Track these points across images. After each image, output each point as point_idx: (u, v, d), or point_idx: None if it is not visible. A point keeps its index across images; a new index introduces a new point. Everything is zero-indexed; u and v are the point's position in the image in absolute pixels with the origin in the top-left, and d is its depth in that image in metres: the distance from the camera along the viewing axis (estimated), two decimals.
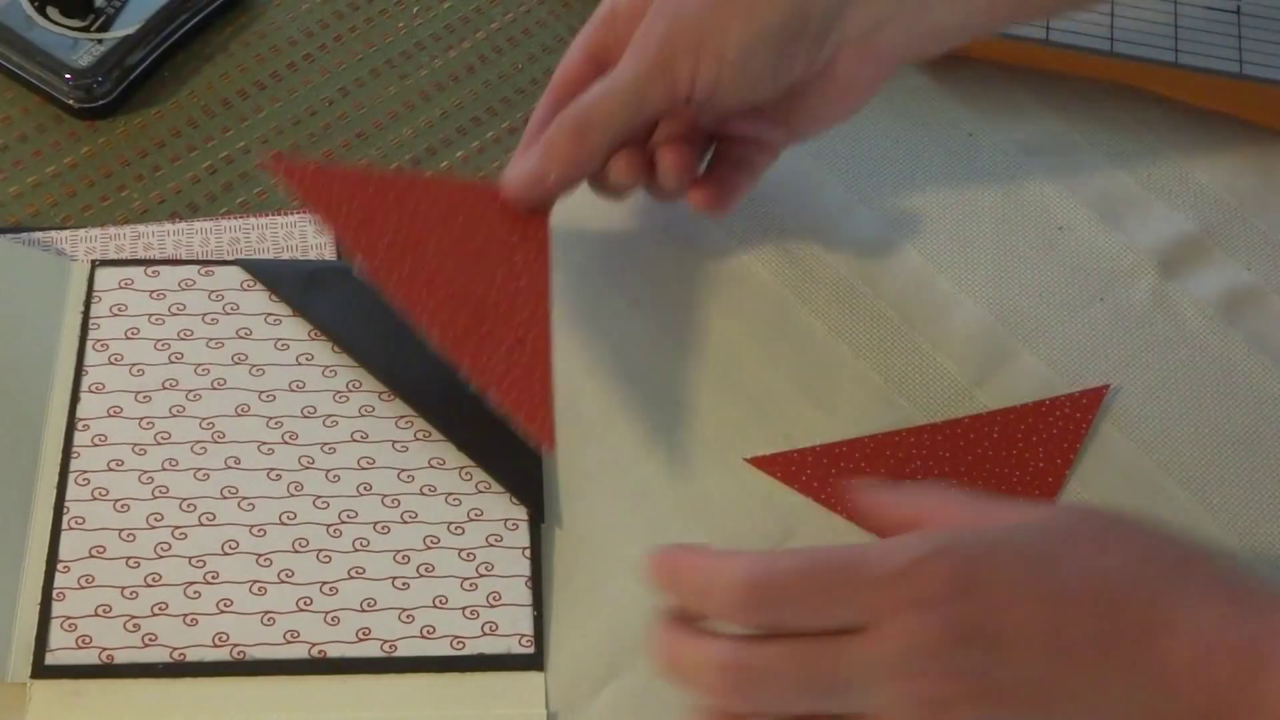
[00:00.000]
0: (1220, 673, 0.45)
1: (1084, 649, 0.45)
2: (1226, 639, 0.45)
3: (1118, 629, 0.46)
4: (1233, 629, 0.45)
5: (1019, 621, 0.45)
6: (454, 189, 0.64)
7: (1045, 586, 0.46)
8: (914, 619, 0.45)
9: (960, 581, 0.46)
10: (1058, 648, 0.45)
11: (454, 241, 0.62)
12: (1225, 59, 0.74)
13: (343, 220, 0.61)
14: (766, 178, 0.70)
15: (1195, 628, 0.46)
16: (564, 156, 0.61)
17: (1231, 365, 0.67)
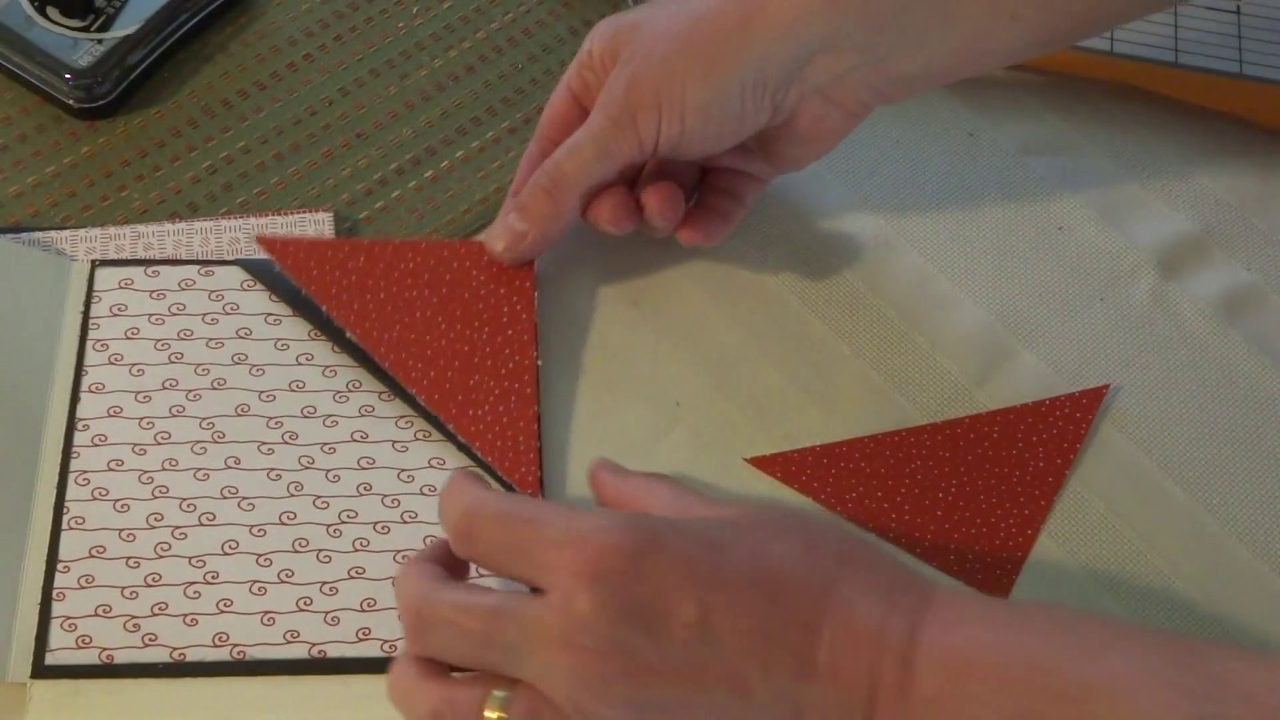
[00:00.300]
0: (877, 663, 0.46)
1: (740, 637, 0.47)
2: (885, 631, 0.47)
3: (777, 619, 0.47)
4: (890, 621, 0.47)
5: (678, 605, 0.47)
6: (438, 250, 0.66)
7: (709, 573, 0.47)
8: (580, 591, 0.47)
9: (630, 560, 0.47)
10: (713, 634, 0.47)
11: (440, 301, 0.64)
12: (1225, 59, 0.74)
13: (329, 292, 0.64)
14: None
15: (854, 620, 0.47)
16: (539, 215, 0.63)
17: (1231, 365, 0.67)
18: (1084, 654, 0.44)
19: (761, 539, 0.49)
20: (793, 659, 0.47)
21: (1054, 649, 0.45)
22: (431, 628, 0.50)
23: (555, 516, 0.49)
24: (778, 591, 0.48)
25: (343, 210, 0.69)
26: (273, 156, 0.70)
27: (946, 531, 0.61)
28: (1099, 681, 0.44)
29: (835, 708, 0.47)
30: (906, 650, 0.46)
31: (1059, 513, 0.62)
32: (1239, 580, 0.61)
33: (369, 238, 0.68)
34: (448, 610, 0.49)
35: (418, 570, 0.51)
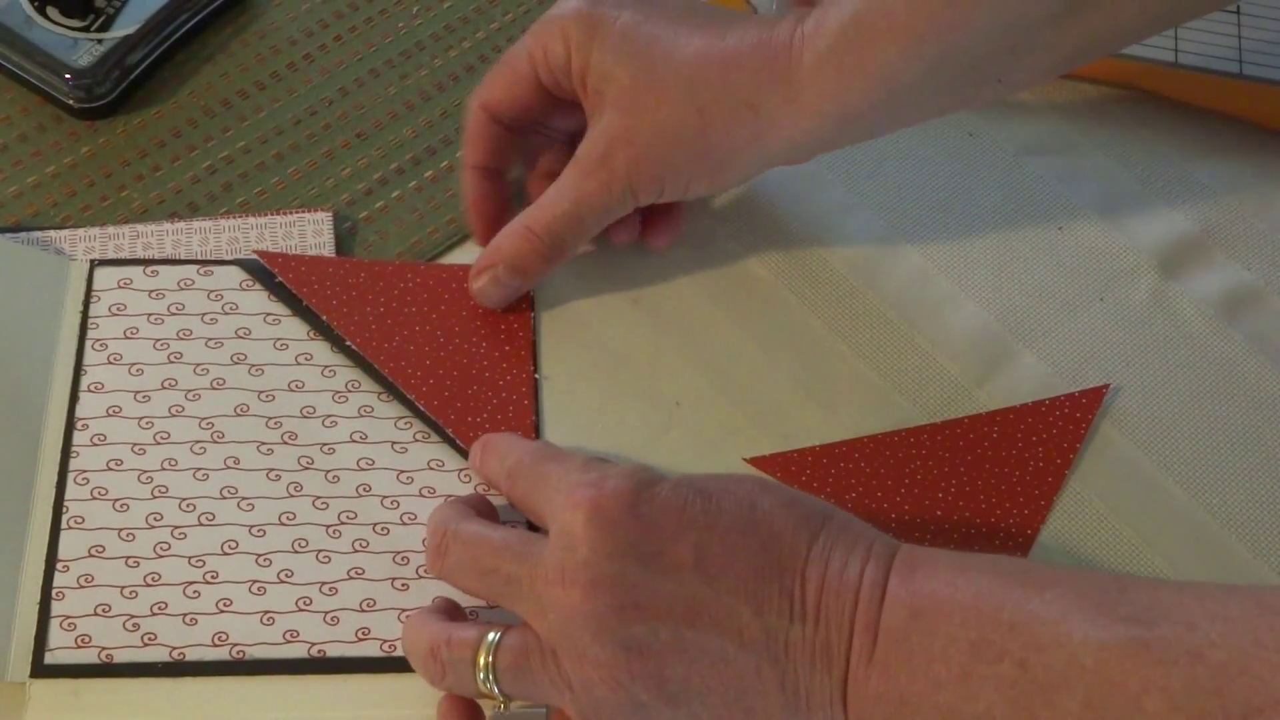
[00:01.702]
0: (854, 605, 0.49)
1: (734, 578, 0.49)
2: (862, 577, 0.49)
3: (769, 562, 0.50)
4: (867, 569, 0.50)
5: (675, 546, 0.50)
6: (436, 271, 0.67)
7: (704, 517, 0.50)
8: (579, 529, 0.50)
9: (629, 503, 0.50)
10: (707, 570, 0.49)
11: (439, 317, 0.65)
12: (1225, 59, 0.74)
13: (330, 304, 0.64)
14: (767, 178, 0.70)
15: (836, 566, 0.50)
16: (538, 270, 0.64)
17: (1231, 365, 0.67)
18: (1030, 590, 0.47)
19: (749, 490, 0.52)
20: (783, 599, 0.49)
21: (1005, 588, 0.48)
22: (448, 551, 0.54)
23: (567, 467, 0.54)
24: (768, 537, 0.50)
25: (343, 210, 0.69)
26: (273, 156, 0.70)
27: (946, 531, 0.61)
28: (1042, 611, 0.47)
29: (820, 647, 0.49)
30: (879, 593, 0.49)
31: (1059, 513, 0.62)
32: (1239, 580, 0.61)
33: (369, 238, 0.68)
34: (466, 536, 0.54)
35: (452, 503, 0.57)
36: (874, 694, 0.49)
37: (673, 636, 0.49)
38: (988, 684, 0.47)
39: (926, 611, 0.48)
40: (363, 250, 0.68)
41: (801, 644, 0.49)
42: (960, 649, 0.47)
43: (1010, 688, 0.46)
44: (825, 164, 0.72)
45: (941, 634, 0.48)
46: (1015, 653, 0.46)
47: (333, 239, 0.67)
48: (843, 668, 0.49)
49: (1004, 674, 0.46)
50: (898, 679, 0.48)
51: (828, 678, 0.49)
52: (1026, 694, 0.46)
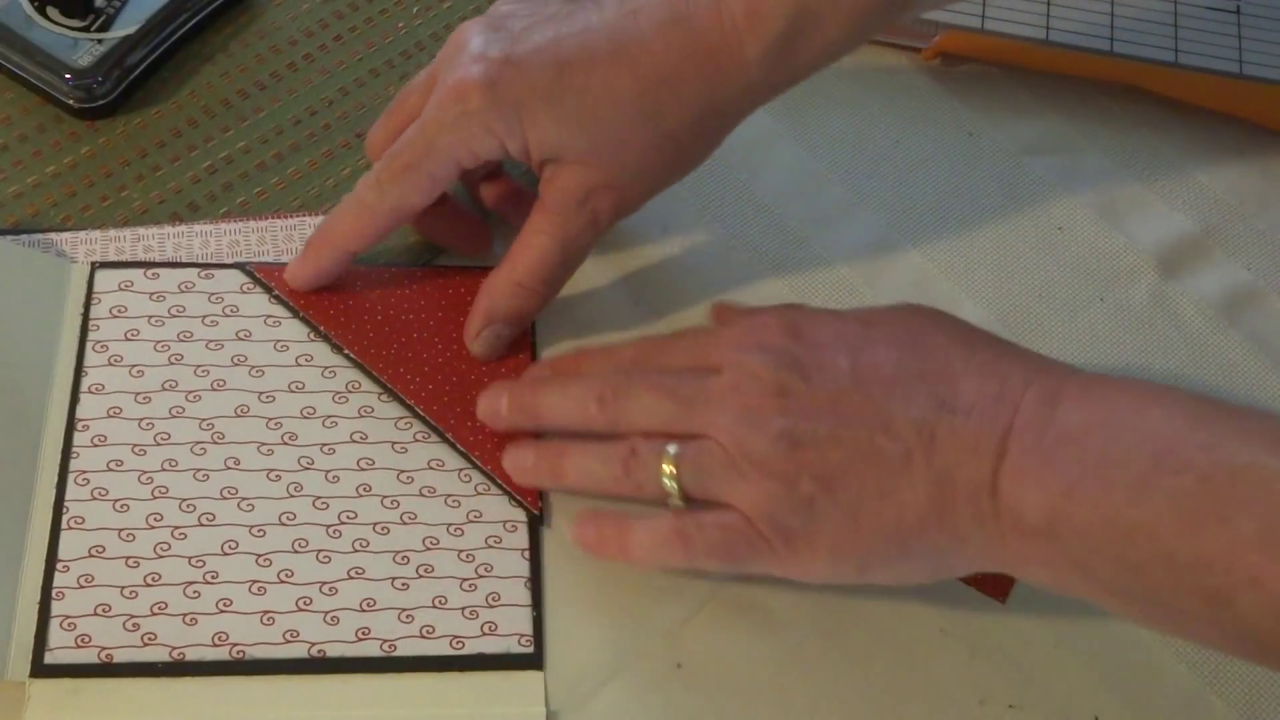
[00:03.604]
0: (1018, 399, 0.52)
1: (883, 383, 0.53)
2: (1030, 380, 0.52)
3: (921, 367, 0.53)
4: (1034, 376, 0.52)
5: (832, 358, 0.54)
6: (433, 277, 0.67)
7: (858, 336, 0.55)
8: (747, 354, 0.55)
9: (790, 328, 0.55)
10: (860, 376, 0.54)
11: (437, 324, 0.65)
12: (1225, 59, 0.74)
13: (327, 314, 0.64)
14: (767, 178, 0.70)
15: (999, 369, 0.53)
16: (533, 316, 0.64)
17: (1231, 365, 0.67)
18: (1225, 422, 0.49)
19: (910, 316, 0.56)
20: (931, 398, 0.52)
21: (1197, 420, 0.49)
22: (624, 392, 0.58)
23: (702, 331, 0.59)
24: (924, 353, 0.54)
25: None
26: (273, 156, 0.70)
27: None
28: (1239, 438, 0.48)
29: (969, 437, 0.51)
30: (1053, 392, 0.51)
31: None
32: None
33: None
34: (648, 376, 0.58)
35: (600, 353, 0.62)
36: (1036, 484, 0.50)
37: (830, 431, 0.53)
38: (1162, 493, 0.48)
39: (1110, 422, 0.50)
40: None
41: (950, 434, 0.52)
42: (1141, 457, 0.48)
43: (1186, 498, 0.47)
44: (825, 164, 0.72)
45: (1123, 442, 0.49)
46: (1202, 468, 0.47)
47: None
48: (993, 460, 0.51)
49: (1183, 485, 0.47)
50: (1066, 473, 0.49)
51: (976, 466, 0.51)
52: (1202, 507, 0.47)
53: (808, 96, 0.75)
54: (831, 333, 0.55)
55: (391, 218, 0.62)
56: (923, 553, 0.53)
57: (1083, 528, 0.49)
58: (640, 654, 0.58)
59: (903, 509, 0.52)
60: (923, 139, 0.74)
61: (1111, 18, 0.75)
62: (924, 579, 0.55)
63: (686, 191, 0.71)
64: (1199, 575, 0.47)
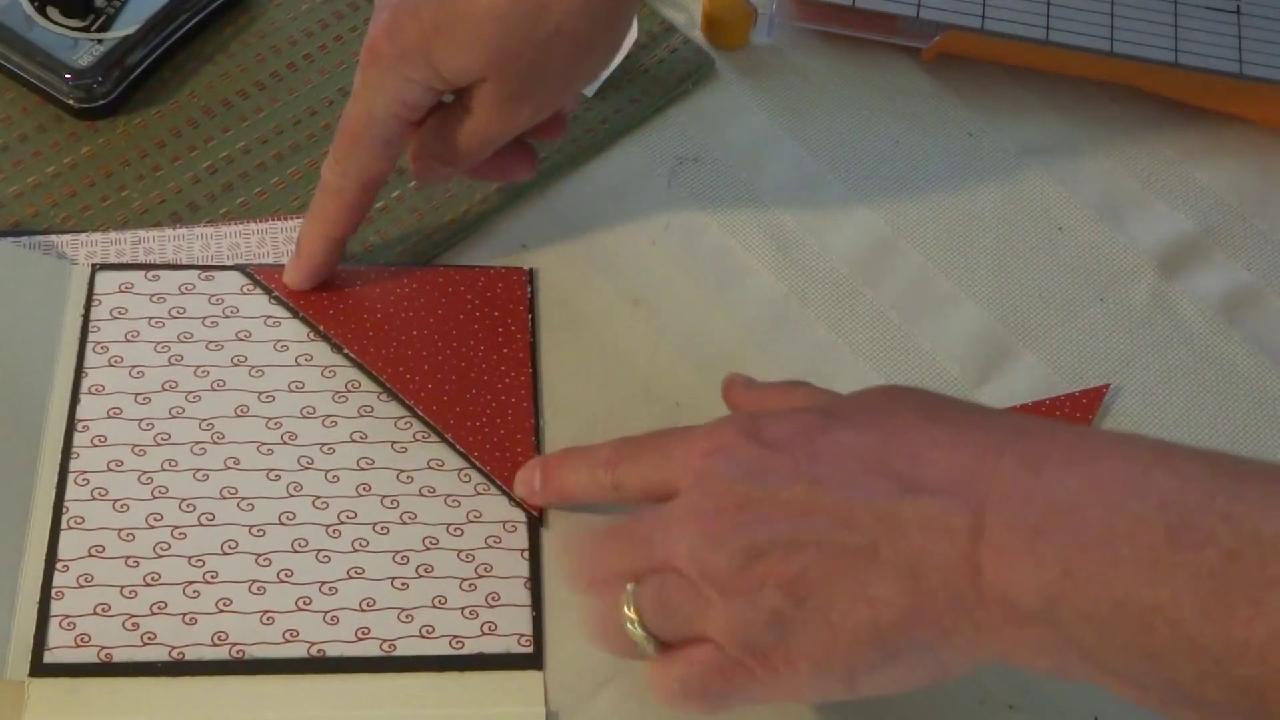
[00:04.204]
0: (994, 469, 0.46)
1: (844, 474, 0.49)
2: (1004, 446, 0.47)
3: (883, 453, 0.49)
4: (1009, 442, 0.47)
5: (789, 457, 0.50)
6: (432, 275, 0.67)
7: (819, 428, 0.50)
8: (706, 473, 0.51)
9: (748, 432, 0.51)
10: (816, 472, 0.49)
11: (436, 321, 0.65)
12: (1225, 59, 0.74)
13: (326, 314, 0.64)
14: (768, 178, 0.70)
15: (969, 438, 0.48)
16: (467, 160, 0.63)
17: (1231, 365, 0.67)
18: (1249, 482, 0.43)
19: (876, 397, 0.52)
20: (894, 481, 0.48)
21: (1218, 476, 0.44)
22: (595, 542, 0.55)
23: (676, 432, 0.55)
24: (887, 433, 0.49)
25: None
26: (273, 156, 0.70)
27: None
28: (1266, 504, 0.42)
29: (938, 517, 0.46)
30: (1034, 455, 0.46)
31: None
32: None
33: (369, 238, 0.68)
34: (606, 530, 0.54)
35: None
36: (1026, 563, 0.45)
37: (789, 535, 0.49)
38: (1181, 571, 0.42)
39: (1108, 487, 0.44)
40: (362, 250, 0.68)
41: (918, 518, 0.47)
42: (1153, 530, 0.43)
43: (1209, 578, 0.42)
44: (825, 164, 0.72)
45: (1129, 512, 0.44)
46: (1225, 542, 0.42)
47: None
48: (970, 538, 0.46)
49: (1205, 562, 0.42)
50: (1063, 549, 0.44)
51: (950, 548, 0.46)
52: (1228, 588, 0.42)
53: (808, 96, 0.75)
54: (791, 429, 0.51)
55: (362, 192, 0.62)
56: (909, 653, 0.48)
57: (1088, 611, 0.44)
58: None
59: (876, 606, 0.48)
60: (923, 139, 0.74)
61: (1111, 18, 0.74)
62: (922, 683, 0.50)
63: (686, 191, 0.71)
64: (1229, 665, 0.42)
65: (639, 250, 0.69)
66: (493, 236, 0.69)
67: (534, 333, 0.65)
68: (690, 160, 0.72)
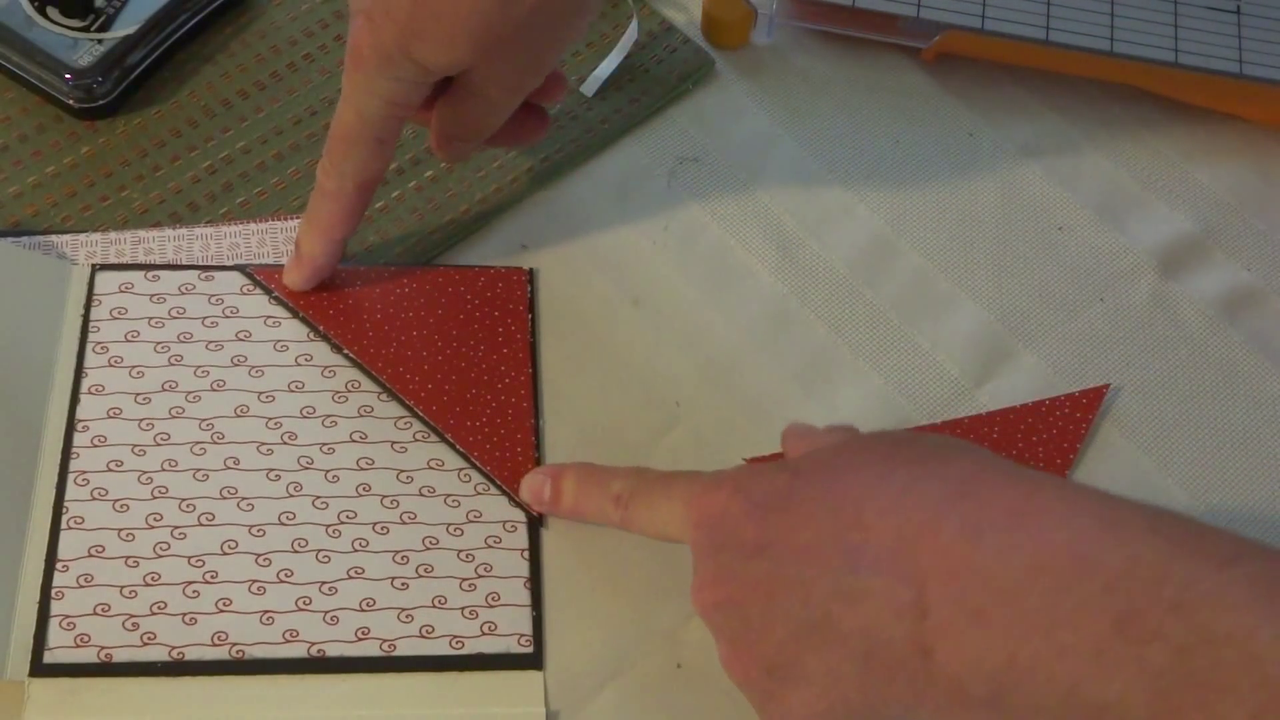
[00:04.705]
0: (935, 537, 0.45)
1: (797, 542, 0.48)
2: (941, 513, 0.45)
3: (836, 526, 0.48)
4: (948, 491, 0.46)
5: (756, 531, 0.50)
6: (432, 276, 0.67)
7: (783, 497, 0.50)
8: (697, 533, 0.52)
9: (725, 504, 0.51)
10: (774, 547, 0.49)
11: (436, 321, 0.65)
12: (1225, 59, 0.74)
13: (326, 314, 0.64)
14: (767, 178, 0.70)
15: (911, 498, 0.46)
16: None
17: (1231, 365, 0.67)
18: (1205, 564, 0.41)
19: (835, 452, 0.51)
20: (846, 557, 0.47)
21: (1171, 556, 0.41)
22: None
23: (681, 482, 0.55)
24: (839, 497, 0.48)
25: None
26: (273, 156, 0.70)
27: None
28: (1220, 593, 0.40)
29: (884, 593, 0.46)
30: (975, 521, 0.44)
31: None
32: None
33: (369, 238, 0.68)
34: None
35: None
36: (973, 647, 0.43)
37: (760, 617, 0.49)
38: (1129, 666, 0.40)
39: (1054, 568, 0.42)
40: (362, 250, 0.68)
41: (864, 595, 0.46)
42: (1099, 618, 0.41)
43: (1158, 677, 0.40)
44: (825, 164, 0.72)
45: (1073, 595, 0.41)
46: (1175, 637, 0.40)
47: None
48: (915, 618, 0.45)
49: (1153, 659, 0.40)
50: (1007, 635, 0.42)
51: (898, 627, 0.45)
52: (1177, 688, 0.39)
53: (808, 96, 0.75)
54: (766, 493, 0.50)
55: (360, 193, 0.62)
56: None
57: (1036, 704, 0.42)
58: (640, 654, 0.58)
59: (840, 684, 0.47)
60: (923, 139, 0.74)
61: (1111, 18, 0.75)
62: None
63: (686, 191, 0.71)
64: None
65: (639, 250, 0.69)
66: (493, 236, 0.69)
67: (534, 333, 0.65)
68: (690, 160, 0.72)
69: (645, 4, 0.77)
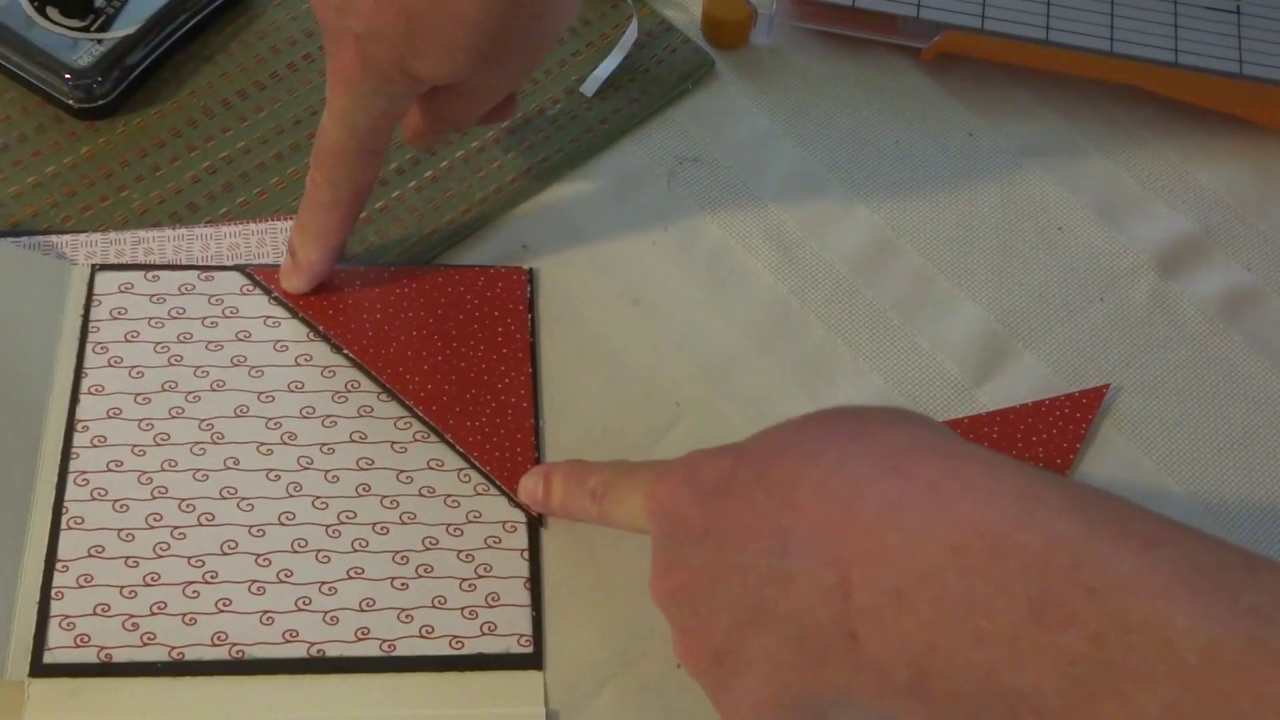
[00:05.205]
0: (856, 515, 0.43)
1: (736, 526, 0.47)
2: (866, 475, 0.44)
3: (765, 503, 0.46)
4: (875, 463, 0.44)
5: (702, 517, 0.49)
6: (432, 275, 0.66)
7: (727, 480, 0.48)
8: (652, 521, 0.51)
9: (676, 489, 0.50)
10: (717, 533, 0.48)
11: (435, 321, 0.65)
12: (1225, 59, 0.74)
13: (325, 313, 0.64)
14: (767, 176, 0.70)
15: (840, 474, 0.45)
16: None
17: (1231, 365, 0.67)
18: (1126, 546, 0.39)
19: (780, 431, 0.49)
20: (778, 539, 0.45)
21: (1090, 539, 0.40)
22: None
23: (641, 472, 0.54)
24: (773, 478, 0.47)
25: None
26: (273, 157, 0.70)
27: None
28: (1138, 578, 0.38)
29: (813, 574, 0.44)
30: (895, 498, 0.43)
31: None
32: None
33: (369, 238, 0.68)
34: None
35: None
36: (894, 633, 0.42)
37: (706, 604, 0.48)
38: (1044, 653, 0.39)
39: (972, 549, 0.41)
40: (362, 250, 0.68)
41: (793, 578, 0.44)
42: (1014, 603, 0.40)
43: (1072, 665, 0.39)
44: (825, 164, 0.72)
45: (989, 578, 0.40)
46: (1090, 624, 0.38)
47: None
48: (840, 601, 0.43)
49: (1068, 646, 0.39)
50: (924, 619, 0.41)
51: (825, 610, 0.43)
52: (1093, 677, 0.38)
53: (808, 96, 0.75)
54: (707, 480, 0.49)
55: (355, 201, 0.62)
56: (833, 712, 0.46)
57: (953, 690, 0.41)
58: (640, 654, 0.58)
59: (781, 671, 0.46)
60: (923, 139, 0.74)
61: (1111, 18, 0.75)
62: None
63: (686, 191, 0.71)
64: None
65: (639, 250, 0.69)
66: (493, 236, 0.69)
67: (534, 333, 0.65)
68: (690, 160, 0.72)
69: (645, 4, 0.77)
